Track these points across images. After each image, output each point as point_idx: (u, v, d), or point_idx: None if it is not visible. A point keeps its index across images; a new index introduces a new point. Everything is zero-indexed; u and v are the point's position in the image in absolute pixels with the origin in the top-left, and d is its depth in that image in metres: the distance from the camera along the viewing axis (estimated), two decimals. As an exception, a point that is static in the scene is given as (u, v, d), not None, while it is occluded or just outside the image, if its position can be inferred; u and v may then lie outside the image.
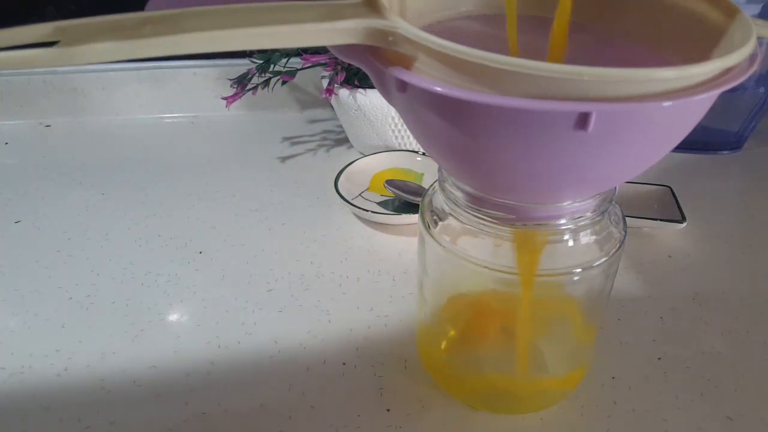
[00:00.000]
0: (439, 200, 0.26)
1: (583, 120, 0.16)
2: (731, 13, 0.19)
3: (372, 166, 0.52)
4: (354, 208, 0.45)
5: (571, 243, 0.24)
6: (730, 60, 0.16)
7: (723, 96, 0.17)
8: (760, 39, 0.18)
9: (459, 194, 0.24)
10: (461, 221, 0.25)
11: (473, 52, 0.15)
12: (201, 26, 0.15)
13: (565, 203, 0.22)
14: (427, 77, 0.17)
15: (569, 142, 0.17)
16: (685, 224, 0.43)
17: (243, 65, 0.57)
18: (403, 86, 0.18)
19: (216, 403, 0.30)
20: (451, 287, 0.28)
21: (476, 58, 0.15)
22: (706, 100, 0.17)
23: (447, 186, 0.25)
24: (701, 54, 0.20)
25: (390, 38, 0.17)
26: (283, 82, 0.56)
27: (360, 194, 0.49)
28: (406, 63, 0.18)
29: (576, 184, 0.20)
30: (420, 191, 0.48)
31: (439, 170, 0.26)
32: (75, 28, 0.15)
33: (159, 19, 0.15)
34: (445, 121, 0.18)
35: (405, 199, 0.47)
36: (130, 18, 0.15)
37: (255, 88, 0.55)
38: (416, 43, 0.17)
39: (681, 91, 0.16)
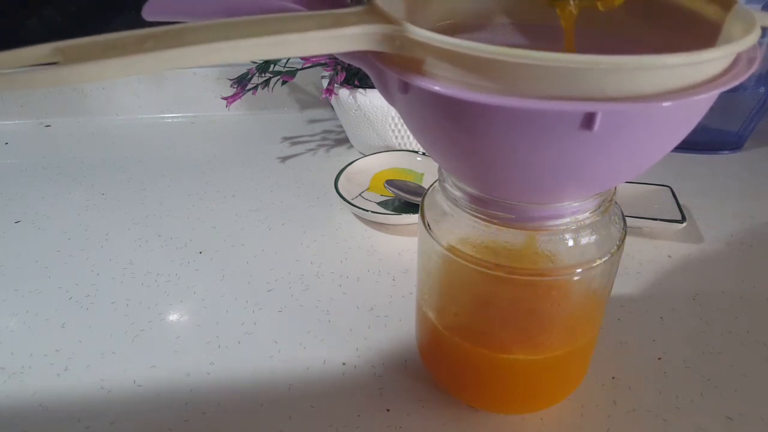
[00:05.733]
0: (439, 200, 0.26)
1: (588, 120, 0.16)
2: (729, 6, 0.19)
3: (372, 166, 0.52)
4: (354, 208, 0.45)
5: (571, 243, 0.24)
6: (740, 45, 0.16)
7: (723, 96, 0.17)
8: (759, 39, 0.18)
9: (459, 194, 0.24)
10: (461, 221, 0.25)
11: (487, 48, 0.15)
12: (205, 39, 0.15)
13: (565, 203, 0.22)
14: (430, 78, 0.17)
15: (573, 142, 0.17)
16: (685, 224, 0.43)
17: (243, 65, 0.57)
18: (405, 87, 0.18)
19: (216, 403, 0.30)
20: (451, 287, 0.28)
21: (490, 53, 0.15)
22: (707, 100, 0.17)
23: (447, 186, 0.25)
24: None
25: (397, 42, 0.17)
26: (283, 82, 0.56)
27: (360, 194, 0.49)
28: (409, 64, 0.18)
29: (578, 183, 0.20)
30: (420, 191, 0.48)
31: (439, 170, 0.26)
32: (74, 47, 0.15)
33: (161, 34, 0.15)
34: (447, 122, 0.18)
35: (405, 199, 0.47)
36: (130, 35, 0.15)
37: (255, 88, 0.55)
38: (424, 44, 0.17)
39: (686, 88, 0.16)
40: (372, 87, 0.52)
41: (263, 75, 0.56)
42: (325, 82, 0.55)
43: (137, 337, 0.35)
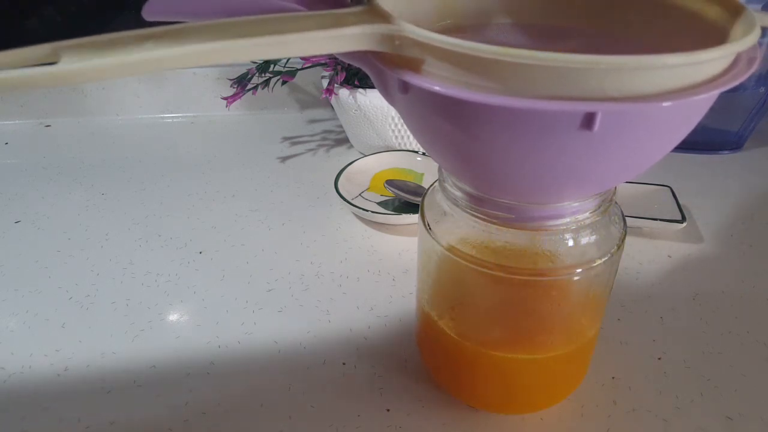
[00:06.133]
0: (439, 200, 0.26)
1: (588, 120, 0.16)
2: (729, 6, 0.19)
3: (372, 166, 0.52)
4: (354, 208, 0.45)
5: (571, 243, 0.24)
6: (740, 45, 0.16)
7: (723, 96, 0.17)
8: (759, 39, 0.18)
9: (459, 194, 0.24)
10: (461, 221, 0.25)
11: (487, 48, 0.15)
12: (205, 39, 0.15)
13: (565, 203, 0.22)
14: (430, 78, 0.17)
15: (573, 142, 0.17)
16: (685, 224, 0.43)
17: (243, 65, 0.57)
18: (405, 87, 0.18)
19: (216, 403, 0.30)
20: (451, 287, 0.28)
21: (490, 53, 0.15)
22: (707, 100, 0.17)
23: (447, 186, 0.25)
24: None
25: (396, 42, 0.17)
26: (283, 82, 0.56)
27: (360, 194, 0.49)
28: (409, 64, 0.18)
29: (578, 183, 0.20)
30: (420, 191, 0.48)
31: (439, 170, 0.26)
32: (74, 47, 0.15)
33: (161, 34, 0.15)
34: (448, 122, 0.18)
35: (405, 199, 0.47)
36: (130, 35, 0.15)
37: (255, 88, 0.55)
38: (424, 44, 0.17)
39: (686, 88, 0.16)
40: (372, 87, 0.52)
41: (263, 75, 0.56)
42: (325, 82, 0.55)
43: (137, 337, 0.35)
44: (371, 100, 0.52)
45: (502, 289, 0.26)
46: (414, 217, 0.45)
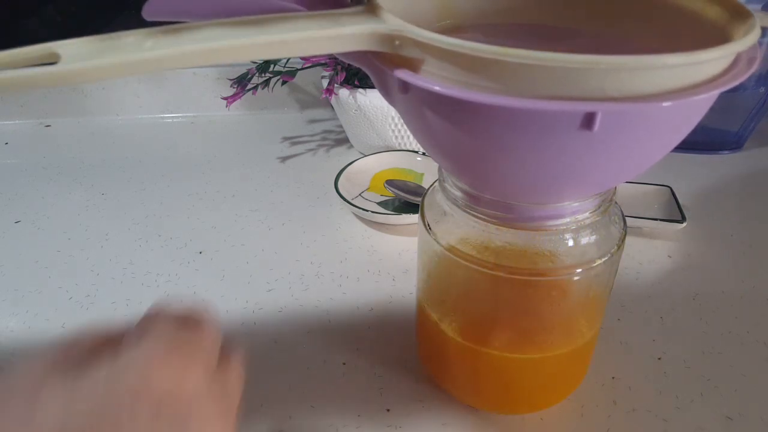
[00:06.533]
0: (439, 200, 0.26)
1: (588, 120, 0.16)
2: (729, 6, 0.19)
3: (372, 166, 0.52)
4: (354, 208, 0.45)
5: (571, 243, 0.24)
6: (740, 45, 0.16)
7: (723, 96, 0.17)
8: (759, 39, 0.18)
9: (459, 194, 0.24)
10: (461, 221, 0.25)
11: (487, 48, 0.15)
12: (205, 39, 0.15)
13: (565, 203, 0.22)
14: (430, 78, 0.17)
15: (573, 142, 0.17)
16: (685, 224, 0.43)
17: (243, 65, 0.57)
18: (405, 87, 0.18)
19: (216, 403, 0.30)
20: (451, 287, 0.28)
21: (490, 53, 0.15)
22: (707, 100, 0.17)
23: (447, 186, 0.25)
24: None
25: (396, 42, 0.17)
26: (283, 82, 0.56)
27: (360, 194, 0.49)
28: (409, 64, 0.18)
29: (578, 183, 0.20)
30: (420, 191, 0.48)
31: (439, 170, 0.26)
32: (74, 47, 0.15)
33: (161, 34, 0.15)
34: (447, 122, 0.18)
35: (405, 199, 0.47)
36: (130, 35, 0.15)
37: (255, 88, 0.55)
38: (424, 44, 0.17)
39: (686, 88, 0.16)
40: (372, 87, 0.52)
41: (263, 75, 0.56)
42: (325, 82, 0.55)
43: (137, 337, 0.35)
44: (371, 100, 0.52)
45: (502, 289, 0.26)
46: (414, 217, 0.45)
